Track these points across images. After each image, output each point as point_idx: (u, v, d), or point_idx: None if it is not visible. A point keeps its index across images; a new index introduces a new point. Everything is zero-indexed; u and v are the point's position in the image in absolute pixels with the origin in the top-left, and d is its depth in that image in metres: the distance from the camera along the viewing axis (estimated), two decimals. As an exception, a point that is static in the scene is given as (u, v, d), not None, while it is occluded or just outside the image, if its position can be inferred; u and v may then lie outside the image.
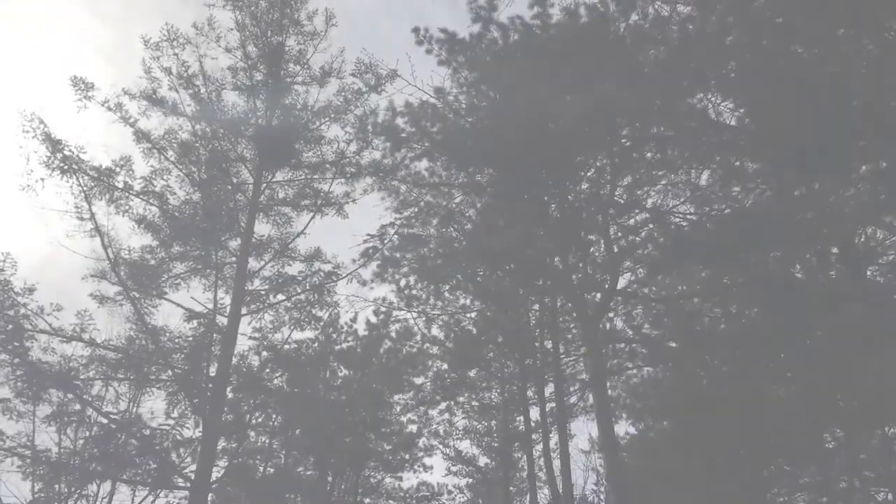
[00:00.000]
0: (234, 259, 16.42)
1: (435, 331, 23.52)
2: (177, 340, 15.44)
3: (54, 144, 14.17)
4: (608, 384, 19.17)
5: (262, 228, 17.44)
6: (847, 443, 18.88)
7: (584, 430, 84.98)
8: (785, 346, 16.57)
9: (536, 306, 22.58)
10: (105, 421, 14.45)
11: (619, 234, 16.81)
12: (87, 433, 15.29)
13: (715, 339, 17.08)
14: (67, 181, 14.30)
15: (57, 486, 15.73)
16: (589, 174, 16.68)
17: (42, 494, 15.27)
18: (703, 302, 18.70)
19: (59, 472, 14.09)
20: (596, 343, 15.19)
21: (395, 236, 17.54)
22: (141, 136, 16.02)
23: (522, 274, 17.48)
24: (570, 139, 14.73)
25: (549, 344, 22.13)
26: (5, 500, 15.79)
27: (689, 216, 15.96)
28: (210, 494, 14.99)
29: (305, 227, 17.11)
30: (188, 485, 13.72)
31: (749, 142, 14.00)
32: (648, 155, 15.60)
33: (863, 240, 16.02)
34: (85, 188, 14.50)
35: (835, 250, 16.12)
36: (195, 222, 15.73)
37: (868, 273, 16.11)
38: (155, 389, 16.50)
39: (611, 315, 19.96)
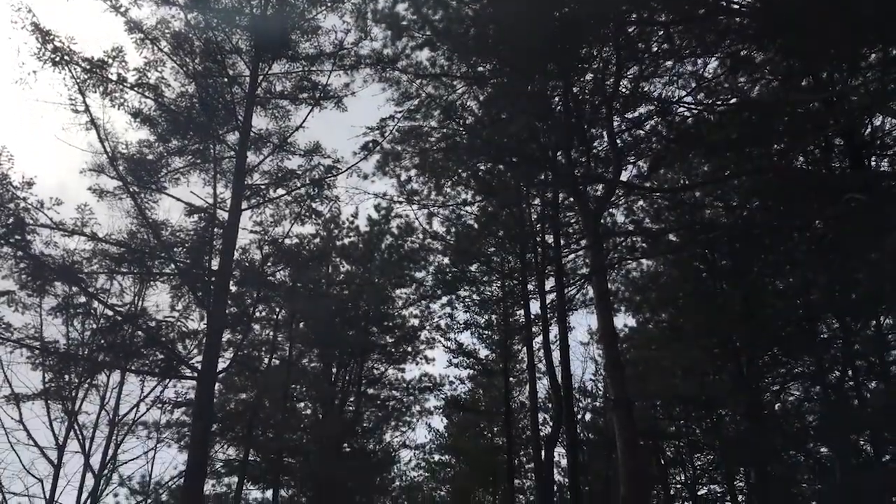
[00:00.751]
0: (232, 153, 16.25)
1: (436, 226, 23.58)
2: (178, 234, 15.48)
3: (44, 35, 13.79)
4: (608, 277, 19.29)
5: (260, 122, 17.23)
6: (842, 334, 19.21)
7: (583, 322, 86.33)
8: (785, 239, 16.61)
9: (537, 201, 22.55)
10: (111, 313, 14.64)
11: (623, 128, 16.59)
12: (94, 325, 15.51)
13: (715, 232, 17.10)
14: (60, 73, 14.00)
15: (67, 376, 16.11)
16: (594, 66, 16.31)
17: (52, 384, 15.63)
18: (704, 195, 18.66)
19: (67, 362, 14.38)
20: (597, 236, 15.20)
21: (396, 129, 17.30)
22: (133, 26, 15.55)
23: (524, 168, 17.34)
24: (575, 28, 14.31)
25: (549, 238, 22.22)
26: (17, 389, 16.23)
27: (693, 108, 15.71)
28: (217, 384, 15.35)
29: (304, 121, 16.85)
30: (195, 374, 13.99)
31: (758, 29, 13.60)
32: (655, 46, 15.21)
33: (868, 131, 15.81)
34: (78, 80, 14.20)
35: (839, 141, 15.94)
36: (192, 115, 15.48)
37: (872, 164, 16.00)
38: (159, 283, 16.65)
39: (612, 211, 19.96)
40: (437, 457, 35.43)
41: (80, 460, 18.64)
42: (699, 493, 27.97)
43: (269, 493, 25.64)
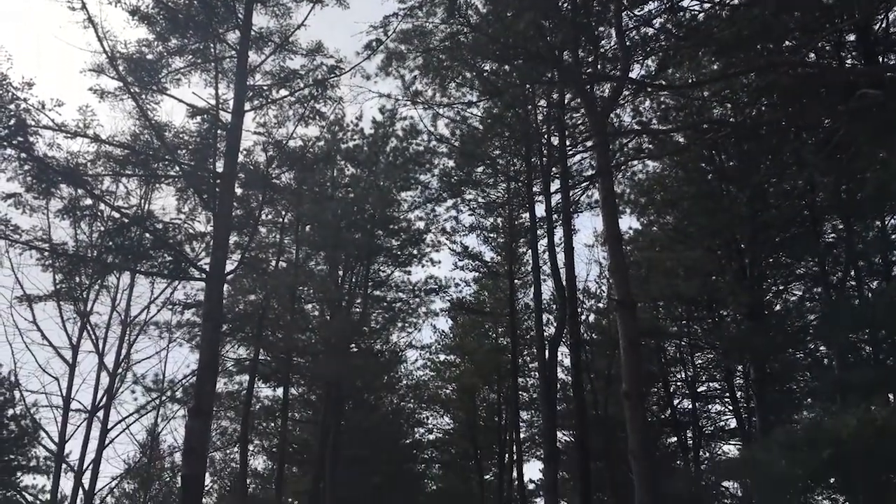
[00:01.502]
0: (233, 52, 15.94)
1: (441, 128, 23.34)
2: (181, 136, 15.37)
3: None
4: (614, 179, 19.21)
5: (261, 20, 16.71)
6: (846, 235, 19.26)
7: (587, 225, 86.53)
8: (793, 139, 16.44)
9: (543, 102, 22.24)
10: (118, 215, 14.69)
11: (632, 25, 16.18)
12: (101, 227, 15.62)
13: (723, 131, 16.92)
14: (53, -32, 13.61)
15: (77, 277, 16.34)
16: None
17: (63, 286, 15.86)
18: (712, 95, 18.38)
19: (77, 264, 14.54)
20: (604, 136, 15.06)
21: (399, 29, 16.88)
22: (124, -84, 15.00)
23: (531, 67, 17.00)
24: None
25: (555, 140, 22.03)
26: (28, 291, 16.50)
27: (704, 4, 15.30)
28: (225, 286, 15.54)
29: (305, 19, 16.42)
30: (203, 276, 14.16)
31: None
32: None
33: (882, 26, 15.41)
34: (73, -26, 13.80)
35: (852, 38, 15.57)
36: (190, 13, 15.11)
37: (884, 60, 15.66)
38: (164, 186, 16.65)
39: (618, 112, 19.68)
40: (442, 357, 36.23)
41: (94, 360, 19.16)
42: (698, 390, 28.70)
43: (279, 391, 26.40)
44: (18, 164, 12.90)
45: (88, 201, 14.52)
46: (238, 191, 16.32)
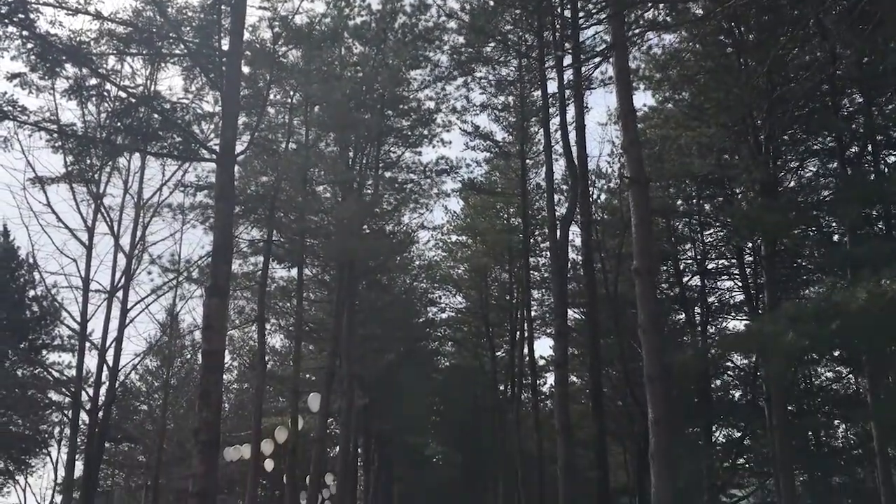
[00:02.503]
0: (234, -78, 15.27)
1: (451, 2, 22.63)
2: (185, 12, 14.93)
3: None
4: (628, 54, 18.70)
5: None
6: (865, 108, 18.88)
7: (601, 103, 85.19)
8: (815, 7, 15.84)
9: (556, -29, 21.45)
10: (124, 95, 14.51)
11: None
12: (109, 108, 15.44)
13: (743, 1, 16.28)
14: None
15: (88, 159, 16.30)
16: None
17: (75, 167, 15.86)
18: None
19: (86, 145, 14.48)
20: (619, 6, 14.56)
21: None
22: None
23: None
24: None
25: (568, 13, 21.33)
26: (39, 172, 16.52)
27: None
28: (236, 167, 15.48)
29: None
30: (214, 157, 14.07)
31: None
32: None
33: None
34: None
35: None
36: None
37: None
38: (170, 65, 16.33)
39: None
40: (454, 237, 36.56)
41: (110, 242, 19.41)
42: (708, 267, 28.94)
43: (293, 272, 26.82)
44: (21, 42, 12.63)
45: (94, 81, 14.27)
46: (245, 69, 15.99)
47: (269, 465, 22.34)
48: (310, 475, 23.38)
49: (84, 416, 20.24)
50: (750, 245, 24.24)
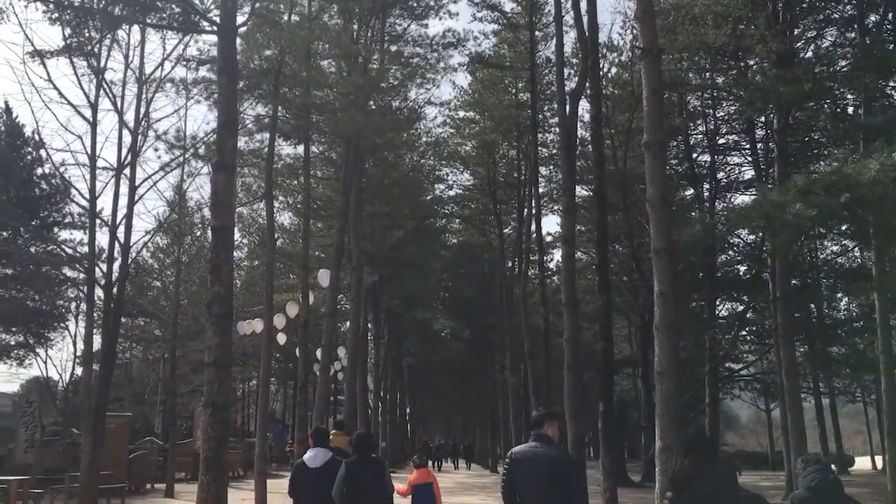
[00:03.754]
0: None
1: None
2: None
3: None
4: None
5: None
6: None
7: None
8: None
9: None
10: (120, -37, 13.95)
11: None
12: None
13: None
14: None
15: (87, 31, 15.88)
16: None
17: (73, 40, 15.48)
18: None
19: (84, 16, 14.06)
20: None
21: None
22: None
23: None
24: None
25: None
26: (38, 46, 16.09)
27: None
28: (238, 40, 15.09)
29: None
30: (215, 28, 13.71)
31: None
32: None
33: None
34: None
35: None
36: None
37: None
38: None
39: None
40: (461, 113, 36.05)
41: (114, 118, 19.14)
42: (719, 142, 28.64)
43: (300, 149, 26.64)
44: None
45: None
46: (243, -65, 15.34)
47: (281, 338, 22.90)
48: (321, 349, 24.04)
49: (99, 292, 20.60)
50: (762, 119, 23.86)
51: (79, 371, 38.06)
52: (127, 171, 19.72)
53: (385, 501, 7.41)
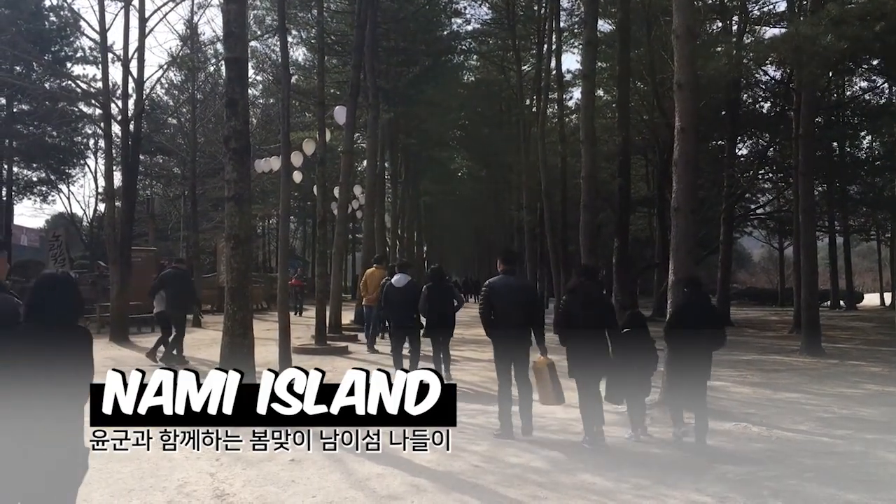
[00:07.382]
0: None
1: None
2: None
3: None
4: None
5: None
6: None
7: None
8: None
9: None
10: None
11: None
12: None
13: None
14: None
15: None
16: None
17: None
18: None
19: None
20: None
21: None
22: None
23: None
24: None
25: None
26: None
27: None
28: None
29: None
30: None
31: None
32: None
33: None
34: None
35: None
36: None
37: None
38: None
39: None
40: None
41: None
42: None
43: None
44: None
45: None
46: None
47: (297, 176, 22.94)
48: (339, 186, 24.14)
49: (116, 128, 20.60)
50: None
51: (101, 207, 38.78)
52: (136, 1, 19.23)
53: (452, 308, 12.19)
